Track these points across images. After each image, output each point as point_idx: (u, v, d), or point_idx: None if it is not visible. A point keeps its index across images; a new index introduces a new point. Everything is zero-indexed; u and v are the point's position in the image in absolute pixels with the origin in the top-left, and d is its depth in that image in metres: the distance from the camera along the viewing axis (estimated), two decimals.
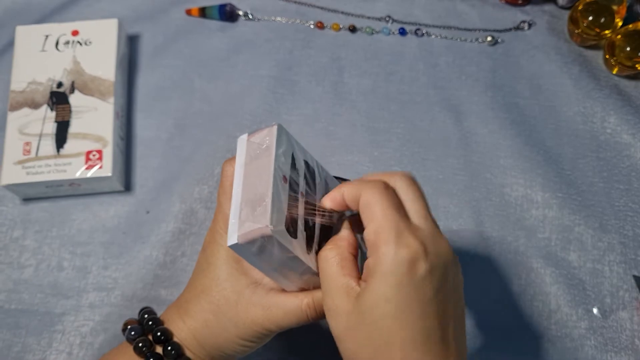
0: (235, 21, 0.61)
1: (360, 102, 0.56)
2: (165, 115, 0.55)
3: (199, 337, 0.35)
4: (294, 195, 0.32)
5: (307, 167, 0.34)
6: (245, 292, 0.34)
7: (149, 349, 0.35)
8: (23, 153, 0.49)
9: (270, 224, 0.29)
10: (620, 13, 0.57)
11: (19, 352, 0.45)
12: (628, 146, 0.54)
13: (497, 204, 0.52)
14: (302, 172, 0.33)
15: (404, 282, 0.29)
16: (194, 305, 0.36)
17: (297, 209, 0.32)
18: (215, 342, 0.35)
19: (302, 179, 0.33)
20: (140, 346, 0.35)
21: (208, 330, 0.35)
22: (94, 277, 0.48)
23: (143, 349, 0.35)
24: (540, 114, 0.56)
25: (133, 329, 0.36)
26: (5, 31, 0.58)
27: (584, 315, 0.47)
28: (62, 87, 0.52)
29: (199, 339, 0.35)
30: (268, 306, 0.33)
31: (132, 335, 0.36)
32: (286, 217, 0.30)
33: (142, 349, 0.35)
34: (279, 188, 0.30)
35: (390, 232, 0.30)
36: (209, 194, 0.51)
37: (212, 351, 0.35)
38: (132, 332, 0.36)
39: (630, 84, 0.58)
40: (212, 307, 0.35)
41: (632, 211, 0.51)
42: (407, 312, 0.29)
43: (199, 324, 0.35)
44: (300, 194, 0.33)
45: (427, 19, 0.61)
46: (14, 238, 0.50)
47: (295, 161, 0.33)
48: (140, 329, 0.37)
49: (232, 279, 0.35)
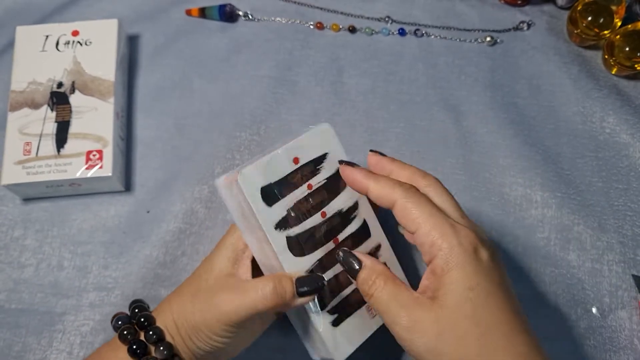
0: (235, 21, 0.61)
1: (360, 102, 0.56)
2: (165, 115, 0.55)
3: (177, 320, 0.36)
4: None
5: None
6: (223, 279, 0.36)
7: (133, 335, 0.36)
8: (23, 153, 0.49)
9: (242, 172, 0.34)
10: (619, 13, 0.57)
11: (19, 352, 0.46)
12: (627, 146, 0.54)
13: (497, 204, 0.52)
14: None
15: (479, 268, 0.30)
16: (180, 291, 0.38)
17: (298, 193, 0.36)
18: (191, 326, 0.35)
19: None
20: (125, 334, 0.36)
21: (185, 314, 0.36)
22: (94, 276, 0.48)
23: (128, 336, 0.36)
24: (539, 114, 0.56)
25: (120, 318, 0.38)
26: (6, 31, 0.58)
27: (583, 315, 0.47)
28: (62, 87, 0.52)
29: (177, 322, 0.36)
30: (237, 288, 0.34)
31: (118, 324, 0.37)
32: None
33: (126, 336, 0.36)
34: (277, 159, 0.35)
35: (444, 228, 0.31)
36: (209, 193, 0.52)
37: (191, 336, 0.36)
38: (119, 322, 0.37)
39: (629, 84, 0.58)
40: (192, 290, 0.36)
41: (631, 211, 0.52)
42: (493, 296, 0.30)
43: (179, 307, 0.36)
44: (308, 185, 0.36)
45: (426, 20, 0.61)
46: (15, 238, 0.50)
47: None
48: (127, 318, 0.38)
49: (220, 272, 0.36)
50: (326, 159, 0.37)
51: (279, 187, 0.35)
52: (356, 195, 0.38)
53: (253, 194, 0.34)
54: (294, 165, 0.36)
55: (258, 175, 0.35)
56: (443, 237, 0.31)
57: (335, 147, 0.38)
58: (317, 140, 0.37)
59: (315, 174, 0.37)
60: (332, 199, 0.37)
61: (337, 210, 0.37)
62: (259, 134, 0.54)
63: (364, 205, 0.38)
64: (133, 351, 0.35)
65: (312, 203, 0.36)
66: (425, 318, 0.30)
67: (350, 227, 0.38)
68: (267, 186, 0.35)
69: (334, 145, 0.38)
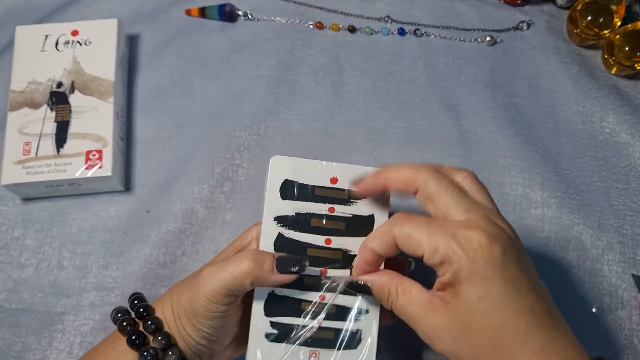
0: (235, 21, 0.61)
1: (360, 101, 0.56)
2: (165, 115, 0.55)
3: (174, 306, 0.36)
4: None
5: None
6: (212, 261, 0.37)
7: (132, 326, 0.36)
8: (23, 153, 0.49)
9: None
10: (619, 13, 0.57)
11: (19, 352, 0.46)
12: (627, 146, 0.54)
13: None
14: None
15: (488, 273, 0.30)
16: (181, 281, 0.38)
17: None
18: (183, 308, 0.35)
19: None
20: (124, 325, 0.36)
21: (179, 298, 0.36)
22: (94, 276, 0.48)
23: (127, 327, 0.36)
24: (539, 114, 0.56)
25: (119, 310, 0.38)
26: (5, 31, 0.58)
27: (583, 315, 0.47)
28: (62, 87, 0.52)
29: (173, 309, 0.36)
30: (220, 263, 0.34)
31: (117, 316, 0.37)
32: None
33: (125, 327, 0.36)
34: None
35: (447, 243, 0.30)
36: (209, 193, 0.52)
37: (182, 321, 0.36)
38: (119, 314, 0.37)
39: (629, 83, 0.58)
40: (190, 277, 0.37)
41: (631, 210, 0.52)
42: (505, 299, 0.30)
43: (177, 293, 0.37)
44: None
45: (426, 19, 0.61)
46: (14, 237, 0.50)
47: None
48: (126, 310, 0.38)
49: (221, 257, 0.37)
50: (365, 199, 0.36)
51: (302, 190, 0.36)
52: None
53: (274, 180, 0.35)
54: (329, 183, 0.36)
55: (291, 168, 0.36)
56: (446, 253, 0.30)
57: (384, 195, 0.36)
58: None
59: (345, 204, 0.36)
60: (345, 235, 0.36)
61: (344, 248, 0.36)
62: (259, 134, 0.54)
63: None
64: (132, 341, 0.36)
65: (324, 225, 0.36)
66: (439, 324, 0.31)
67: (347, 271, 0.36)
68: (291, 182, 0.36)
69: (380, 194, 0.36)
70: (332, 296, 0.35)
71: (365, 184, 0.35)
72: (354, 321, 0.35)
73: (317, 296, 0.35)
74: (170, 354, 0.35)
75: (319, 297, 0.35)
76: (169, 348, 0.36)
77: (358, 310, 0.35)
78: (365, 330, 0.35)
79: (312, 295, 0.35)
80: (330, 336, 0.35)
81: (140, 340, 0.36)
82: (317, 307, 0.35)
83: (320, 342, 0.35)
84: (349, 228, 0.36)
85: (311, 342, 0.35)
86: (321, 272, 0.36)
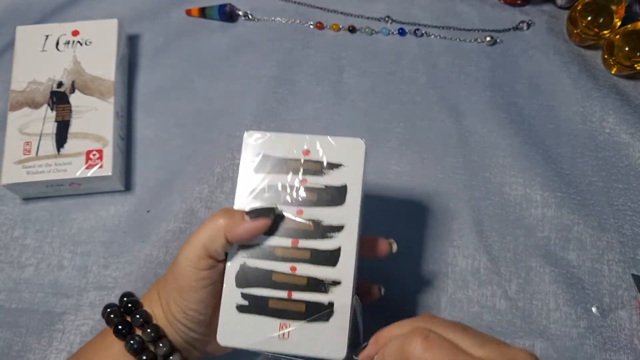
0: (235, 21, 0.61)
1: (360, 101, 0.56)
2: (166, 115, 0.55)
3: (160, 292, 0.37)
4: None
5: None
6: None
7: (119, 318, 0.37)
8: (23, 153, 0.49)
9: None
10: (619, 13, 0.57)
11: (20, 351, 0.46)
12: (627, 145, 0.55)
13: (496, 203, 0.52)
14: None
15: None
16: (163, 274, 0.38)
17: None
18: (167, 289, 0.35)
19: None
20: (111, 317, 0.37)
21: (164, 279, 0.36)
22: (94, 276, 0.48)
23: (114, 319, 0.37)
24: (539, 114, 0.56)
25: (109, 306, 0.38)
26: (6, 31, 0.58)
27: (583, 315, 0.47)
28: (62, 87, 0.52)
29: (160, 295, 0.37)
30: (195, 230, 0.35)
31: (107, 311, 0.38)
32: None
33: (112, 319, 0.36)
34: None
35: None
36: (209, 193, 0.52)
37: (169, 302, 0.36)
38: (108, 309, 0.38)
39: (629, 83, 0.58)
40: (169, 267, 0.37)
41: (631, 210, 0.52)
42: None
43: (162, 279, 0.37)
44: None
45: (426, 19, 0.61)
46: (15, 237, 0.50)
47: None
48: (114, 304, 0.38)
49: None
50: (338, 169, 0.36)
51: (274, 164, 0.36)
52: (347, 220, 0.35)
53: (248, 154, 0.36)
54: (302, 155, 0.36)
55: (264, 142, 0.36)
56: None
57: (356, 164, 0.36)
58: (342, 149, 0.36)
59: (317, 175, 0.36)
60: (317, 206, 0.35)
61: (315, 218, 0.35)
62: None
63: (349, 234, 0.35)
64: (118, 331, 0.36)
65: (295, 197, 0.35)
66: None
67: (318, 242, 0.35)
68: (265, 156, 0.36)
69: (356, 162, 0.36)
70: (303, 267, 0.35)
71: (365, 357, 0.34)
72: (326, 293, 0.34)
73: (287, 267, 0.35)
74: (161, 345, 0.35)
75: (289, 269, 0.35)
76: (159, 340, 0.36)
77: (331, 281, 0.34)
78: (338, 303, 0.34)
79: (283, 267, 0.35)
80: (301, 308, 0.34)
81: (127, 329, 0.36)
82: (287, 278, 0.35)
83: (290, 314, 0.34)
84: (321, 199, 0.35)
85: (282, 313, 0.34)
86: (292, 244, 0.35)
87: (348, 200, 0.35)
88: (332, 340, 0.34)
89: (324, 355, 0.34)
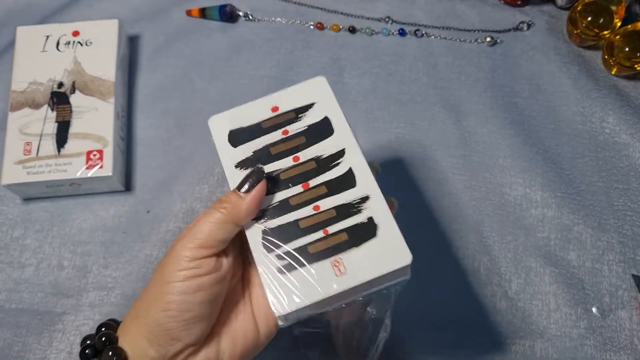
0: (236, 22, 0.61)
1: (360, 102, 0.56)
2: (166, 115, 0.55)
3: (139, 313, 0.34)
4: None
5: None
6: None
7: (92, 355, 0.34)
8: (24, 153, 0.49)
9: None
10: (619, 13, 0.57)
11: (20, 352, 0.46)
12: (627, 146, 0.54)
13: (497, 204, 0.52)
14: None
15: None
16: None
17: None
18: (148, 299, 0.33)
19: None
20: (87, 352, 0.34)
21: (145, 294, 0.33)
22: (94, 276, 0.48)
23: (87, 353, 0.34)
24: (539, 114, 0.56)
25: (88, 337, 0.35)
26: (6, 31, 0.58)
27: (583, 315, 0.47)
28: (62, 88, 0.52)
29: (139, 317, 0.33)
30: (189, 231, 0.32)
31: (86, 343, 0.35)
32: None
33: (87, 356, 0.34)
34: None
35: None
36: (209, 193, 0.52)
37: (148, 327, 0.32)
38: (87, 341, 0.35)
39: (629, 84, 0.58)
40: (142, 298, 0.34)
41: (631, 210, 0.52)
42: None
43: (138, 301, 0.34)
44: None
45: (426, 20, 0.61)
46: (15, 237, 0.50)
47: None
48: (94, 337, 0.35)
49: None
50: (312, 108, 0.36)
51: (250, 131, 0.36)
52: (344, 143, 0.35)
53: (220, 137, 0.36)
54: (271, 113, 0.36)
55: (229, 120, 0.36)
56: None
57: (326, 98, 0.36)
58: (307, 92, 0.36)
59: (295, 121, 0.36)
60: (310, 145, 0.35)
61: (314, 156, 0.35)
62: None
63: (353, 153, 0.35)
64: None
65: (285, 148, 0.35)
66: None
67: (328, 174, 0.34)
68: (236, 130, 0.36)
69: (325, 97, 0.36)
70: (325, 202, 0.33)
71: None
72: (360, 212, 0.33)
73: (310, 209, 0.33)
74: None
75: (312, 209, 0.33)
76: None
77: (359, 199, 0.33)
78: (377, 214, 0.33)
79: (306, 211, 0.33)
80: (344, 238, 0.32)
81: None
82: (315, 218, 0.33)
83: (336, 248, 0.32)
84: (310, 139, 0.35)
85: (327, 253, 0.32)
86: (304, 187, 0.34)
87: (336, 127, 0.35)
88: (391, 249, 0.32)
89: (391, 267, 0.32)
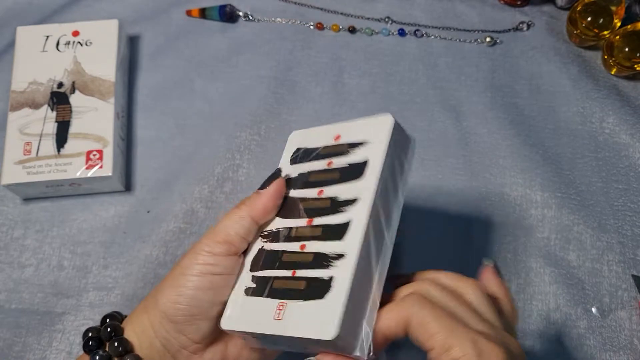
0: (236, 22, 0.61)
1: (360, 102, 0.56)
2: (166, 115, 0.55)
3: (147, 305, 0.34)
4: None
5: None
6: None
7: (96, 346, 0.34)
8: (23, 153, 0.49)
9: None
10: (618, 14, 0.57)
11: (20, 352, 0.46)
12: (626, 146, 0.55)
13: (497, 204, 0.52)
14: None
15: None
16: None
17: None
18: (160, 298, 0.33)
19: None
20: (90, 344, 0.34)
21: (158, 289, 0.34)
22: (94, 276, 0.48)
23: (93, 347, 0.34)
24: (539, 114, 0.56)
25: (91, 329, 0.35)
26: (6, 31, 0.58)
27: (582, 315, 0.47)
28: (62, 88, 0.52)
29: (148, 310, 0.34)
30: (212, 232, 0.34)
31: (88, 335, 0.35)
32: None
33: (91, 347, 0.34)
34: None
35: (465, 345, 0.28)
36: (209, 193, 0.52)
37: (156, 320, 0.33)
38: (89, 333, 0.35)
39: (628, 84, 0.58)
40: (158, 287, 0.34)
41: (631, 211, 0.52)
42: None
43: (151, 295, 0.34)
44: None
45: (426, 20, 0.61)
46: (15, 238, 0.50)
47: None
48: (97, 329, 0.35)
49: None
50: (363, 146, 0.34)
51: (309, 153, 0.37)
52: (361, 194, 0.33)
53: (289, 150, 0.39)
54: (333, 141, 0.37)
55: (303, 138, 0.38)
56: (459, 358, 0.27)
57: (379, 140, 0.34)
58: (369, 128, 0.35)
59: (343, 155, 0.35)
60: (338, 183, 0.34)
61: (333, 195, 0.34)
62: (259, 134, 0.54)
63: (361, 207, 0.32)
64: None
65: (319, 178, 0.35)
66: None
67: (331, 218, 0.33)
68: (302, 149, 0.38)
69: (379, 138, 0.34)
70: (312, 244, 0.32)
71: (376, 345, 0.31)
72: (328, 268, 0.31)
73: (298, 246, 0.33)
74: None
75: (299, 247, 0.33)
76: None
77: (335, 255, 0.31)
78: (338, 277, 0.30)
79: (294, 246, 0.33)
80: (301, 286, 0.31)
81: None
82: (295, 256, 0.33)
83: (289, 293, 0.31)
84: (343, 176, 0.34)
85: (283, 293, 0.32)
86: (307, 223, 0.34)
87: (366, 173, 0.33)
88: (322, 318, 0.29)
89: (311, 335, 0.29)
